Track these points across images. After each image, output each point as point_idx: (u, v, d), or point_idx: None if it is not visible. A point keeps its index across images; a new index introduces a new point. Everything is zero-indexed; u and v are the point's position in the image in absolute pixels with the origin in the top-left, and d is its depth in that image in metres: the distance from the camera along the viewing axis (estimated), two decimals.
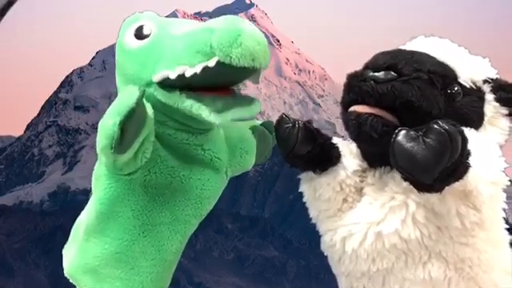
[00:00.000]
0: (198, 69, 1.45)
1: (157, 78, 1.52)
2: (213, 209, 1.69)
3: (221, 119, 1.49)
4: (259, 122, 1.82)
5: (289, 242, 41.00)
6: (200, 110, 1.48)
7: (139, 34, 1.57)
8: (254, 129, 1.76)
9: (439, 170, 1.36)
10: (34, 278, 35.38)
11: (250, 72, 1.48)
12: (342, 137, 1.67)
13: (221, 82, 1.52)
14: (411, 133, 1.37)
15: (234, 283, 37.56)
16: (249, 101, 1.54)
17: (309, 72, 67.49)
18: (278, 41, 68.09)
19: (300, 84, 65.64)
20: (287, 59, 67.40)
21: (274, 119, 1.66)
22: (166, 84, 1.51)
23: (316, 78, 67.23)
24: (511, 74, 1.71)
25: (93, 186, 1.63)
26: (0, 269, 34.93)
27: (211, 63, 1.44)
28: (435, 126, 1.36)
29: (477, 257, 1.53)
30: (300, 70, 67.27)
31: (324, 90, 65.78)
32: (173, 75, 1.48)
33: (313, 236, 1.67)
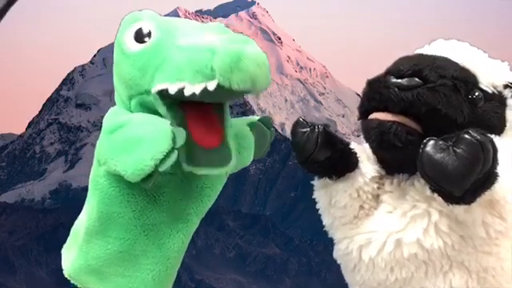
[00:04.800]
0: (197, 89, 1.44)
1: (156, 89, 1.50)
2: (214, 206, 1.69)
3: (189, 169, 1.51)
4: (257, 117, 1.82)
5: (290, 240, 40.93)
6: (182, 149, 1.48)
7: (139, 37, 1.54)
8: (251, 125, 1.74)
9: (471, 182, 1.32)
10: (35, 276, 35.39)
11: (249, 93, 1.47)
12: (343, 134, 1.66)
13: (219, 99, 1.52)
14: (440, 143, 1.33)
15: (235, 280, 37.55)
16: (227, 159, 1.53)
17: (310, 70, 67.42)
18: (280, 38, 68.01)
19: (301, 81, 65.56)
20: (288, 57, 67.31)
21: (275, 117, 1.65)
22: (164, 94, 1.50)
23: (317, 76, 67.15)
24: None
25: (90, 187, 1.62)
26: (2, 266, 34.93)
27: (211, 86, 1.43)
28: (466, 136, 1.31)
29: (500, 266, 1.49)
30: (301, 68, 67.19)
31: (325, 88, 65.70)
32: (172, 90, 1.47)
33: (314, 234, 1.66)
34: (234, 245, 40.10)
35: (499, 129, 1.55)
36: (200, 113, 1.53)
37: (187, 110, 1.52)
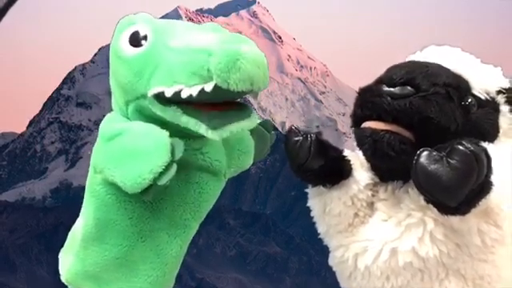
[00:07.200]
0: (194, 91, 1.42)
1: (152, 93, 1.48)
2: (215, 205, 1.68)
3: (218, 136, 1.45)
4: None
5: (291, 239, 40.90)
6: (197, 126, 1.45)
7: (134, 41, 1.52)
8: (251, 129, 1.70)
9: (465, 193, 1.31)
10: (36, 274, 35.38)
11: (247, 94, 1.44)
12: (344, 133, 1.65)
13: (217, 101, 1.48)
14: (434, 154, 1.32)
15: (236, 279, 37.54)
16: (247, 113, 1.49)
17: (310, 68, 67.33)
18: (280, 37, 67.95)
19: (302, 80, 65.47)
20: (289, 56, 67.24)
21: (276, 116, 1.64)
22: (161, 97, 1.47)
23: (318, 75, 67.07)
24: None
25: (86, 194, 1.61)
26: (2, 265, 34.94)
27: (208, 88, 1.40)
28: (460, 147, 1.30)
29: (496, 273, 1.48)
30: (302, 67, 67.11)
31: (326, 87, 65.61)
32: (168, 93, 1.45)
33: (315, 232, 1.65)
34: (235, 243, 40.09)
35: (492, 135, 1.53)
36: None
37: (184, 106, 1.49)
